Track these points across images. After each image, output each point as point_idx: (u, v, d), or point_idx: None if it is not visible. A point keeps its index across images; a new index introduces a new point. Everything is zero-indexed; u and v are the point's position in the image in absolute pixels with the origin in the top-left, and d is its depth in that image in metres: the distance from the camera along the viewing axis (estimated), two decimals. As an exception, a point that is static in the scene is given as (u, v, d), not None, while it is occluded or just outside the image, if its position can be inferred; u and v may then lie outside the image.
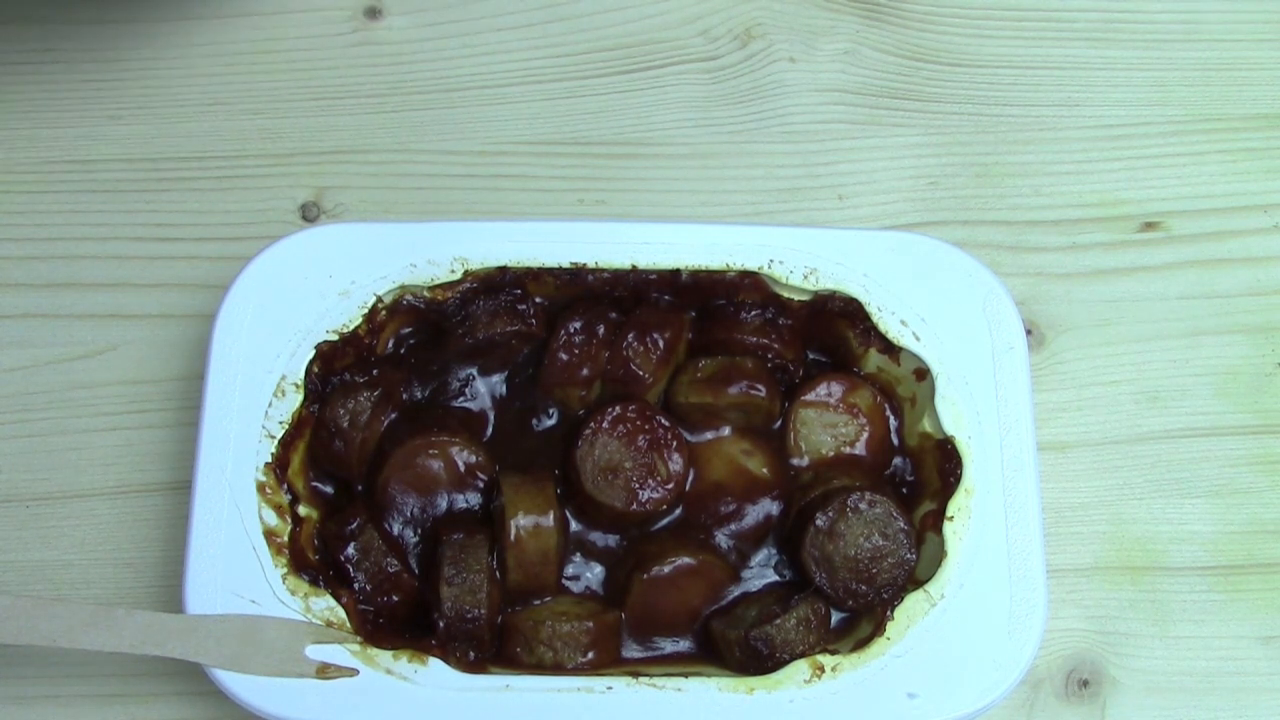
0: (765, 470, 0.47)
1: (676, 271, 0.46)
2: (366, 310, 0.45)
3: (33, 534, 0.48)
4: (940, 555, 0.43)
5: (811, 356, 0.48)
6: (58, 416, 0.50)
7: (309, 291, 0.45)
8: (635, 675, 0.42)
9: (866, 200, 0.53)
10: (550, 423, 0.47)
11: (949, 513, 0.43)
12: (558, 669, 0.43)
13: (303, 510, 0.44)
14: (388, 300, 0.45)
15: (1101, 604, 0.49)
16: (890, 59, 0.55)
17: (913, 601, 0.43)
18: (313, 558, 0.44)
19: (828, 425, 0.47)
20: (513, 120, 0.54)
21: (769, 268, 0.46)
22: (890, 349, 0.46)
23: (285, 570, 0.42)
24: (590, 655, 0.43)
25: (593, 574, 0.46)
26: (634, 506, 0.45)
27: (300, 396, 0.44)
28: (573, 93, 0.55)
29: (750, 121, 0.54)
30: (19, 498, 0.49)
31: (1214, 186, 0.54)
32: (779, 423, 0.47)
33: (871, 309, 0.45)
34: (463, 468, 0.45)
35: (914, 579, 0.44)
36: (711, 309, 0.47)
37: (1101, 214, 0.53)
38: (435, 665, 0.41)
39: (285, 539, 0.43)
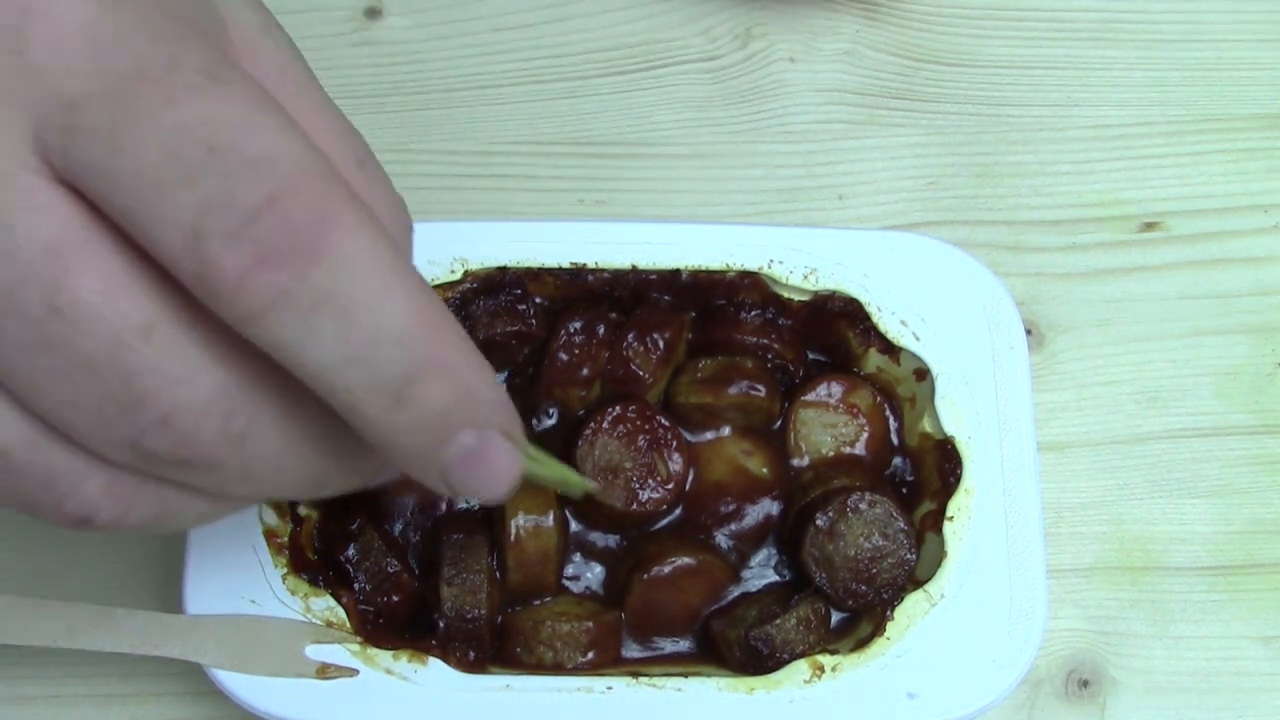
0: (765, 470, 0.47)
1: (676, 271, 0.46)
2: (366, 310, 0.45)
3: (33, 534, 0.48)
4: (940, 555, 0.43)
5: (811, 357, 0.48)
6: (58, 416, 0.50)
7: (309, 291, 0.45)
8: (635, 675, 0.42)
9: (866, 200, 0.53)
10: (550, 423, 0.47)
11: (949, 513, 0.43)
12: (558, 669, 0.43)
13: (303, 510, 0.44)
14: (388, 300, 0.45)
15: (1101, 604, 0.49)
16: (890, 59, 0.55)
17: (913, 601, 0.43)
18: (313, 558, 0.44)
19: (828, 425, 0.47)
20: (513, 120, 0.54)
21: (769, 268, 0.46)
22: (890, 349, 0.46)
23: (285, 570, 0.42)
24: (590, 655, 0.43)
25: (593, 574, 0.46)
26: (634, 507, 0.45)
27: (300, 396, 0.44)
28: (573, 93, 0.55)
29: (750, 121, 0.54)
30: (19, 498, 0.49)
31: (1214, 186, 0.54)
32: (779, 423, 0.47)
33: (871, 309, 0.45)
34: (463, 468, 0.45)
35: (914, 579, 0.44)
36: (711, 309, 0.47)
37: (1101, 214, 0.53)
38: (435, 665, 0.41)
39: (285, 539, 0.43)
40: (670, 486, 0.45)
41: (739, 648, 0.43)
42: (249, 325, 0.25)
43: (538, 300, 0.47)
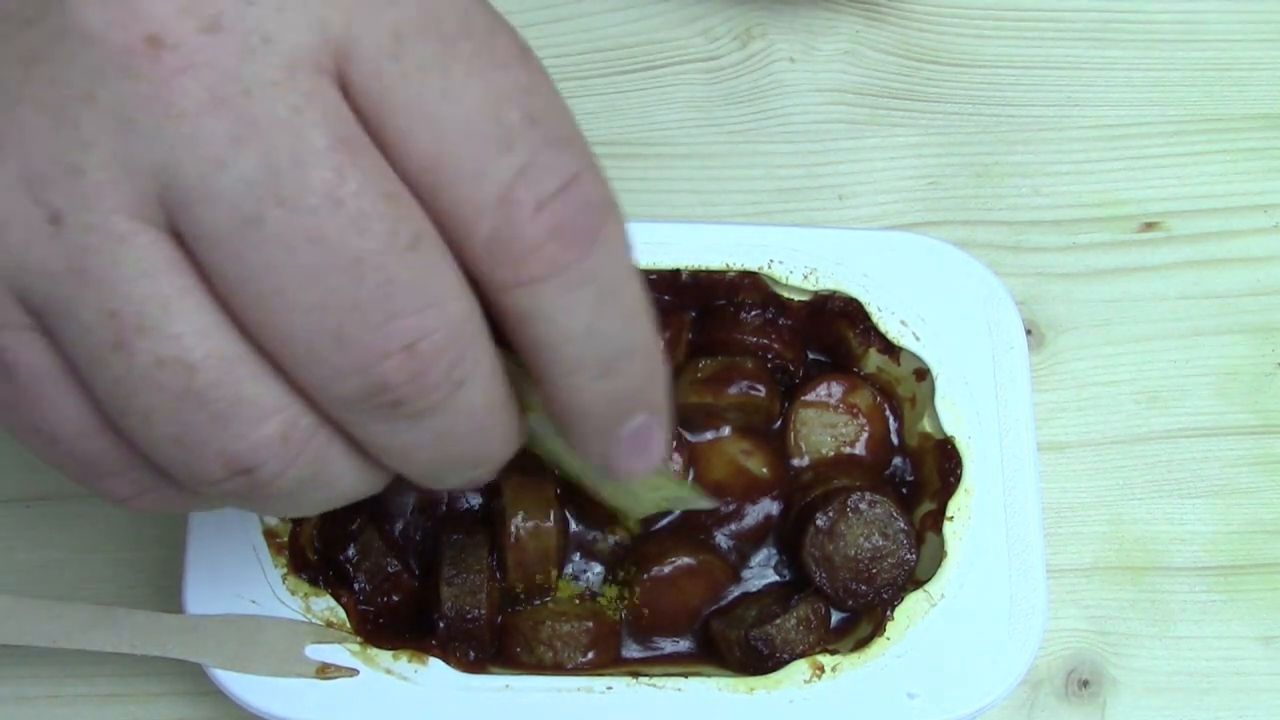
0: (765, 470, 0.47)
1: (676, 271, 0.46)
2: (366, 310, 0.45)
3: (33, 534, 0.48)
4: (940, 555, 0.43)
5: (811, 357, 0.48)
6: (58, 416, 0.50)
7: (309, 291, 0.45)
8: (635, 675, 0.42)
9: (866, 200, 0.53)
10: (550, 423, 0.47)
11: (949, 513, 0.43)
12: (558, 669, 0.43)
13: (303, 510, 0.44)
14: (388, 300, 0.45)
15: (1101, 604, 0.49)
16: (890, 59, 0.55)
17: (913, 601, 0.43)
18: (313, 558, 0.44)
19: (828, 425, 0.47)
20: (513, 120, 0.54)
21: (769, 268, 0.46)
22: (890, 349, 0.46)
23: (285, 570, 0.42)
24: (590, 655, 0.43)
25: (593, 574, 0.46)
26: (634, 506, 0.45)
27: (300, 396, 0.44)
28: (573, 93, 0.54)
29: (750, 121, 0.54)
30: (19, 498, 0.49)
31: (1214, 186, 0.54)
32: (779, 423, 0.47)
33: (871, 309, 0.45)
34: (463, 468, 0.45)
35: (914, 579, 0.44)
36: (711, 309, 0.47)
37: (1101, 214, 0.53)
38: (435, 665, 0.41)
39: (285, 539, 0.43)
40: (670, 486, 0.45)
41: (739, 648, 0.43)
42: (514, 288, 0.25)
43: (538, 300, 0.47)
